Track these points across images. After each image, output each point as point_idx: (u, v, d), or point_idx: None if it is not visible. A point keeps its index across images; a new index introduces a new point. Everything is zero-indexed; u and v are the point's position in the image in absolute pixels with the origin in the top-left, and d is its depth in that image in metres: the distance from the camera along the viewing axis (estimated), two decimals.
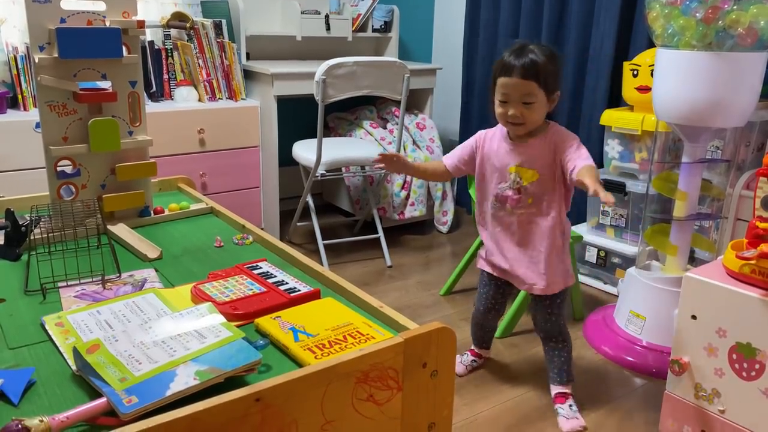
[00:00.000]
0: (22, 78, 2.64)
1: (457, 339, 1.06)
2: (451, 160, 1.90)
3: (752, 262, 1.50)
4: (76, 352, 0.96)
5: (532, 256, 1.80)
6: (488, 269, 1.93)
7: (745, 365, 1.51)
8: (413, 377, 1.02)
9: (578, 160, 1.62)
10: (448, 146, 3.86)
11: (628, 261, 2.61)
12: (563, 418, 1.85)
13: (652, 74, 2.11)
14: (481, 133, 1.85)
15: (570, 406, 1.88)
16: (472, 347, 2.15)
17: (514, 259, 1.83)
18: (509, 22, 3.37)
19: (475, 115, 3.65)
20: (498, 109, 1.71)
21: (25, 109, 2.65)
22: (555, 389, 1.92)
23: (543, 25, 3.18)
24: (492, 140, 1.81)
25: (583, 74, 3.03)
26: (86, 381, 0.93)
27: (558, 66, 1.70)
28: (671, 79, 1.93)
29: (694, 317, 1.59)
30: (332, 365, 0.93)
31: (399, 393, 1.01)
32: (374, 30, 3.69)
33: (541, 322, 1.88)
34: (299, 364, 1.00)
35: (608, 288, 2.76)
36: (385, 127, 3.47)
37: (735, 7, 1.77)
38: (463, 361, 2.12)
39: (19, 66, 2.63)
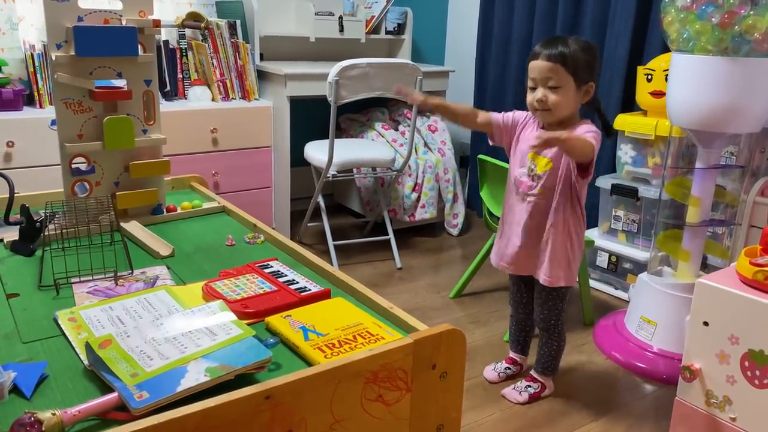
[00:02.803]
0: (38, 75, 2.67)
1: (466, 342, 1.06)
2: (496, 116, 1.83)
3: (766, 269, 1.48)
4: (89, 347, 0.96)
5: (536, 246, 1.81)
6: (495, 262, 1.94)
7: (758, 373, 1.49)
8: (422, 379, 1.02)
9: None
10: (459, 148, 3.87)
11: (640, 266, 2.60)
12: (513, 388, 1.99)
13: (666, 79, 2.10)
14: (527, 113, 1.82)
15: (528, 386, 1.98)
16: (510, 353, 2.13)
17: (521, 246, 1.83)
18: (523, 24, 3.36)
19: None
20: (528, 96, 1.72)
21: (41, 107, 2.67)
22: (532, 371, 2.02)
23: (557, 26, 3.17)
24: (528, 124, 1.82)
25: None
26: (98, 376, 0.94)
27: (592, 57, 1.70)
28: (686, 84, 1.92)
29: (706, 324, 1.58)
30: (342, 365, 0.93)
31: (408, 394, 1.01)
32: (387, 32, 3.70)
33: (537, 311, 1.92)
34: (309, 363, 1.00)
35: (619, 293, 2.75)
36: (396, 129, 3.47)
37: (752, 12, 1.76)
38: (496, 368, 2.09)
39: (36, 64, 2.65)
